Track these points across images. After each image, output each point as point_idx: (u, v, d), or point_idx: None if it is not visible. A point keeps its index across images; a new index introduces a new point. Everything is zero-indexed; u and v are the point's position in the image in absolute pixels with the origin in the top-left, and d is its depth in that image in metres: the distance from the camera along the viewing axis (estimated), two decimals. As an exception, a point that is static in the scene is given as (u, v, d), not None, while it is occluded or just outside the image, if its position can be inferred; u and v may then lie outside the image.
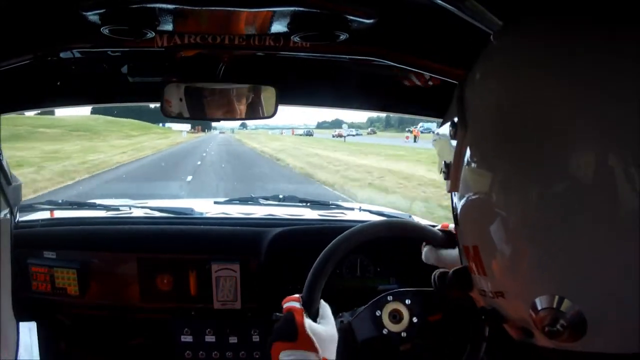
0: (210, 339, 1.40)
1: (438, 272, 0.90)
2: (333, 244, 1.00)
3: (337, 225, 1.45)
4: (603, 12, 0.44)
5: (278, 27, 0.81)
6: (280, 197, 1.86)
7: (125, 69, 1.14)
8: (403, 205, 7.16)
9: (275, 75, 1.09)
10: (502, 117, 0.46)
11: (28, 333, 1.33)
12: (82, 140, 28.71)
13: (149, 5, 0.72)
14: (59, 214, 1.61)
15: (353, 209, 1.76)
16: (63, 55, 1.01)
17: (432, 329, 1.02)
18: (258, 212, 1.70)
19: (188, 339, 1.40)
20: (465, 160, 0.48)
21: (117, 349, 1.46)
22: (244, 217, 1.64)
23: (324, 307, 0.91)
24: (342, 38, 0.81)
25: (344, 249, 0.99)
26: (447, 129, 0.52)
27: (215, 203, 1.88)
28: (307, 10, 0.74)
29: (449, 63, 0.85)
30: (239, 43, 0.87)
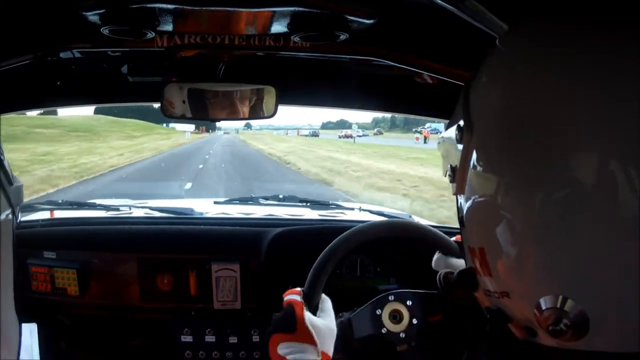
0: (210, 339, 1.40)
1: (443, 272, 0.90)
2: (341, 238, 1.00)
3: (337, 225, 1.45)
4: (603, 12, 0.44)
5: (278, 27, 0.81)
6: (280, 197, 1.87)
7: (125, 69, 1.13)
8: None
9: (276, 75, 1.09)
10: (507, 121, 0.46)
11: (29, 334, 1.33)
12: (80, 141, 27.62)
13: (149, 6, 0.72)
14: (59, 214, 1.62)
15: (353, 209, 1.76)
16: (63, 55, 1.01)
17: (431, 331, 1.02)
18: (258, 212, 1.71)
19: (188, 339, 1.41)
20: (471, 164, 0.49)
21: (117, 349, 1.46)
22: (244, 217, 1.64)
23: (325, 301, 0.90)
24: (342, 38, 0.81)
25: (356, 241, 0.99)
26: (452, 133, 0.53)
27: (215, 203, 1.88)
28: (307, 11, 0.74)
29: (449, 63, 0.85)
30: (239, 43, 0.87)
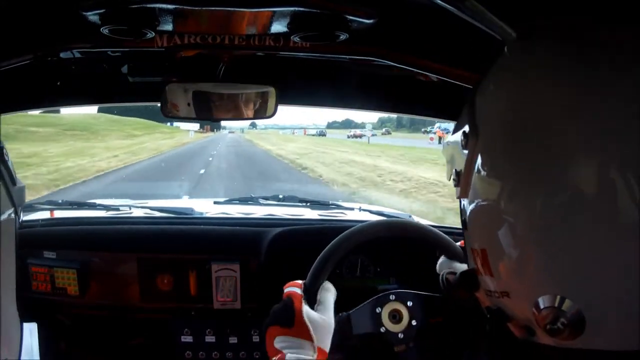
0: (210, 339, 1.40)
1: (445, 273, 0.91)
2: (341, 237, 1.01)
3: (337, 225, 1.45)
4: (614, 22, 0.44)
5: (278, 27, 0.81)
6: (280, 197, 1.86)
7: (125, 69, 1.13)
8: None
9: (276, 75, 1.09)
10: (513, 126, 0.47)
11: (29, 334, 1.33)
12: (76, 141, 25.63)
13: (149, 5, 0.72)
14: (59, 214, 1.62)
15: (353, 209, 1.76)
16: (63, 55, 1.01)
17: (430, 333, 1.02)
18: (258, 212, 1.71)
19: (188, 339, 1.41)
20: (476, 168, 0.50)
21: (117, 349, 1.46)
22: (244, 217, 1.64)
23: (326, 291, 0.90)
24: (342, 38, 0.81)
25: (356, 240, 1.00)
26: (458, 137, 0.53)
27: (215, 203, 1.88)
28: (307, 11, 0.74)
29: (449, 63, 0.85)
30: (239, 43, 0.87)
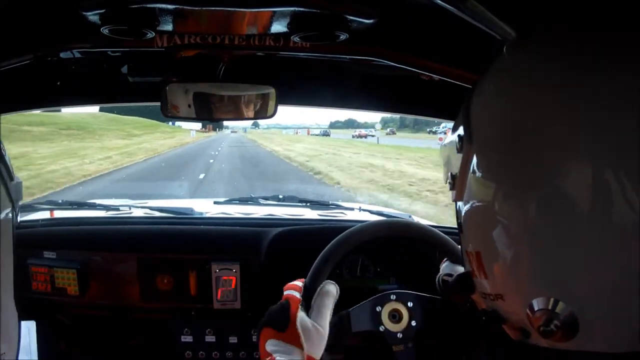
0: (210, 339, 1.41)
1: (441, 275, 0.90)
2: (341, 237, 1.00)
3: (337, 225, 1.45)
4: (609, 23, 0.44)
5: (278, 27, 0.81)
6: (280, 197, 1.87)
7: (125, 69, 1.13)
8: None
9: (276, 75, 1.09)
10: (508, 128, 0.47)
11: (27, 332, 1.33)
12: (70, 141, 24.73)
13: (149, 5, 0.72)
14: (59, 214, 1.62)
15: (353, 209, 1.76)
16: (63, 55, 1.01)
17: (430, 334, 1.02)
18: (258, 212, 1.71)
19: (188, 339, 1.41)
20: (470, 170, 0.50)
21: (117, 349, 1.46)
22: (244, 217, 1.64)
23: (323, 297, 0.87)
24: (342, 38, 0.81)
25: (356, 240, 1.00)
26: (454, 139, 0.54)
27: (215, 203, 1.88)
28: (307, 11, 0.74)
29: (449, 63, 0.85)
30: (239, 43, 0.87)
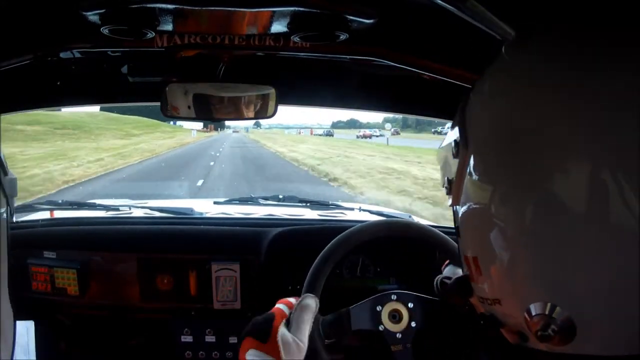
0: (210, 339, 1.40)
1: (440, 278, 0.90)
2: (340, 238, 1.00)
3: (337, 225, 1.45)
4: (609, 23, 0.44)
5: (278, 27, 0.81)
6: (280, 197, 1.87)
7: (125, 69, 1.13)
8: None
9: (275, 75, 1.09)
10: (505, 129, 0.47)
11: (25, 332, 1.33)
12: (64, 141, 23.59)
13: (149, 5, 0.72)
14: (59, 214, 1.62)
15: (353, 209, 1.76)
16: (63, 55, 1.01)
17: (429, 334, 1.03)
18: (258, 212, 1.71)
19: (188, 339, 1.41)
20: (467, 172, 0.50)
21: (117, 349, 1.46)
22: (244, 217, 1.64)
23: (301, 311, 0.84)
24: (342, 38, 0.81)
25: (356, 240, 1.00)
26: (449, 145, 0.54)
27: (215, 203, 1.88)
28: (307, 10, 0.74)
29: (449, 63, 0.85)
30: (239, 43, 0.87)
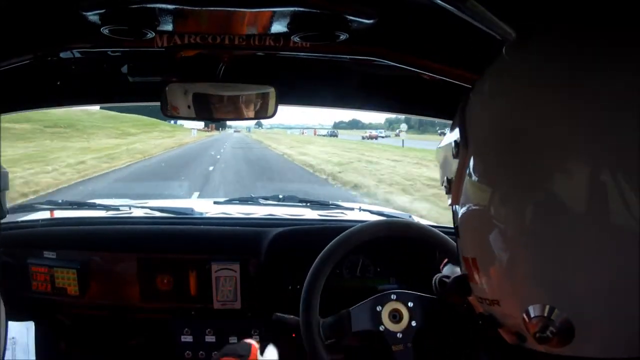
0: (210, 339, 1.40)
1: (438, 277, 0.91)
2: (340, 238, 1.00)
3: (337, 225, 1.45)
4: (609, 23, 0.44)
5: (278, 27, 0.81)
6: (280, 197, 1.86)
7: (125, 69, 1.13)
8: None
9: (275, 75, 1.09)
10: (505, 129, 0.47)
11: (25, 332, 1.33)
12: (53, 140, 22.27)
13: (149, 6, 0.72)
14: (59, 214, 1.62)
15: (353, 209, 1.76)
16: (63, 55, 1.01)
17: (429, 334, 1.03)
18: (258, 212, 1.71)
19: (188, 339, 1.41)
20: (467, 173, 0.50)
21: (117, 349, 1.46)
22: (244, 217, 1.64)
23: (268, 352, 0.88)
24: (342, 38, 0.81)
25: (356, 240, 1.00)
26: (449, 145, 0.53)
27: (215, 203, 1.88)
28: (307, 11, 0.74)
29: (450, 63, 0.85)
30: (239, 43, 0.87)
